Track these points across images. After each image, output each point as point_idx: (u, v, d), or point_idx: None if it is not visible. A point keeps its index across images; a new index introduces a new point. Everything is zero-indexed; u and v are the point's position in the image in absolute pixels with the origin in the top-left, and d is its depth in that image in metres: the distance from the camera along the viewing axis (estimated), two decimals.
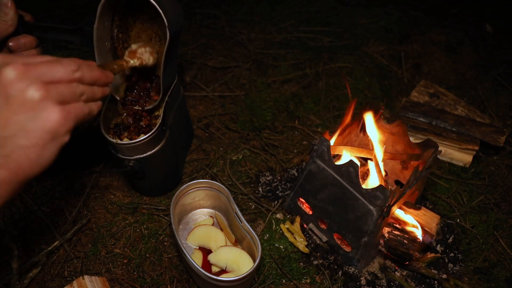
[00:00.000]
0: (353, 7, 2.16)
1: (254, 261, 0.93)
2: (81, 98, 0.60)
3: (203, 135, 1.40)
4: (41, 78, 0.54)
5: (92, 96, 0.63)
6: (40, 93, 0.53)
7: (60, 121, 0.54)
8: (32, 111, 0.52)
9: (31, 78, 0.53)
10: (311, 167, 1.05)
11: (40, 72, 0.54)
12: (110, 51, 1.00)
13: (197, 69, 1.67)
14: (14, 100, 0.52)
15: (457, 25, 2.07)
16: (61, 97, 0.56)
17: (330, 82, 1.66)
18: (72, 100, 0.58)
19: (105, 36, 0.96)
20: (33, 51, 0.84)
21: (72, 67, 0.58)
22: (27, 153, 0.53)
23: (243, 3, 2.12)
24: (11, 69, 0.52)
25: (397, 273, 1.06)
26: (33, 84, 0.52)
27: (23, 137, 0.53)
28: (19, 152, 0.53)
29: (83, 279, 0.95)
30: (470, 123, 1.43)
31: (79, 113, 0.59)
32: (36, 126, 0.53)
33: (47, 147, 0.55)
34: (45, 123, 0.53)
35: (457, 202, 1.25)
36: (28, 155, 0.54)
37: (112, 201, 1.17)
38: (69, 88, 0.57)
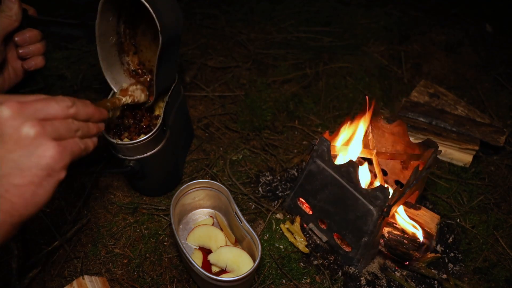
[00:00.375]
0: (353, 7, 2.16)
1: (254, 261, 0.93)
2: (77, 134, 0.60)
3: (203, 135, 1.40)
4: (36, 115, 0.53)
5: (88, 132, 0.63)
6: (35, 130, 0.52)
7: (55, 157, 0.54)
8: (27, 148, 0.52)
9: (25, 115, 0.52)
10: (311, 167, 1.05)
11: (35, 109, 0.54)
12: (115, 46, 1.00)
13: (197, 69, 1.67)
14: (9, 138, 0.51)
15: (457, 25, 2.07)
16: (56, 133, 0.55)
17: (330, 82, 1.66)
18: (67, 136, 0.58)
19: (109, 31, 0.96)
20: (38, 45, 0.85)
21: (67, 104, 0.58)
22: (22, 192, 0.52)
23: (243, 3, 2.12)
24: (5, 107, 0.51)
25: (397, 273, 1.06)
26: (28, 121, 0.52)
27: (17, 175, 0.52)
28: (13, 192, 0.52)
29: (83, 279, 0.95)
30: (470, 123, 1.43)
31: (75, 148, 0.58)
32: (31, 163, 0.52)
33: (43, 184, 0.54)
34: (40, 159, 0.53)
35: (457, 202, 1.25)
36: (22, 194, 0.52)
37: (112, 201, 1.17)
38: (64, 124, 0.57)
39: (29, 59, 0.85)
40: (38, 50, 0.85)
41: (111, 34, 0.97)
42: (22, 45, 0.83)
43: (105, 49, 0.96)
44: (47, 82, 1.54)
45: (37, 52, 0.85)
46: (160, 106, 1.09)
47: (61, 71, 1.60)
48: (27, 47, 0.83)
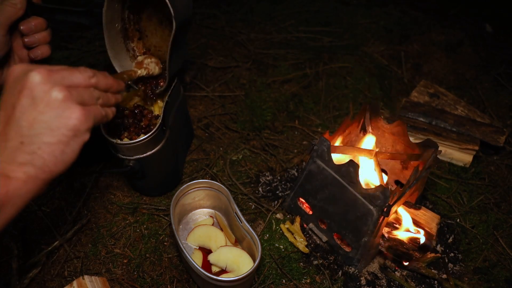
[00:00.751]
0: (353, 7, 2.16)
1: (254, 261, 0.93)
2: (98, 102, 0.66)
3: (203, 135, 1.40)
4: (63, 81, 0.59)
5: (107, 101, 0.69)
6: (63, 94, 0.57)
7: (81, 119, 0.59)
8: (56, 110, 0.57)
9: (54, 81, 0.58)
10: (311, 167, 1.05)
11: (62, 76, 0.59)
12: (121, 32, 1.00)
13: (197, 69, 1.67)
14: (40, 101, 0.57)
15: (457, 25, 2.07)
16: (81, 99, 0.61)
17: (330, 82, 1.66)
18: (90, 102, 0.63)
19: (115, 18, 0.96)
20: (44, 33, 0.85)
21: (89, 74, 0.64)
22: (52, 149, 0.57)
23: (243, 3, 2.12)
24: (36, 73, 0.57)
25: (397, 273, 1.06)
26: (56, 86, 0.57)
27: (48, 134, 0.57)
28: (45, 149, 0.57)
29: (83, 279, 0.95)
30: (470, 123, 1.43)
31: (97, 114, 0.64)
32: (60, 124, 0.57)
33: (70, 144, 0.59)
34: (68, 121, 0.58)
35: (457, 202, 1.25)
36: (52, 152, 0.58)
37: (112, 201, 1.17)
38: (87, 91, 0.63)
39: (35, 48, 0.86)
40: (44, 38, 0.85)
41: (117, 21, 0.97)
42: (27, 34, 0.83)
43: (112, 37, 0.96)
44: None
45: (43, 40, 0.85)
46: (159, 106, 1.08)
47: None
48: (33, 36, 0.84)
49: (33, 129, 0.56)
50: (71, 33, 1.78)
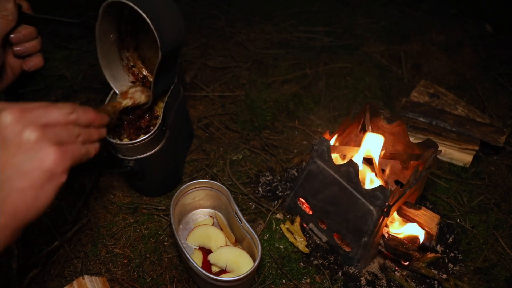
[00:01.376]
0: (353, 7, 2.16)
1: (254, 261, 0.93)
2: (78, 140, 0.61)
3: (203, 135, 1.40)
4: (37, 120, 0.55)
5: (89, 137, 0.64)
6: (36, 134, 0.53)
7: (56, 160, 0.55)
8: (28, 152, 0.53)
9: (27, 121, 0.54)
10: (311, 167, 1.05)
11: (36, 115, 0.55)
12: (116, 42, 0.99)
13: (197, 69, 1.67)
14: (11, 143, 0.52)
15: (457, 25, 2.07)
16: (57, 138, 0.56)
17: (330, 82, 1.66)
18: (68, 141, 0.59)
19: (110, 30, 0.95)
20: (34, 42, 0.83)
21: (67, 110, 0.59)
22: (24, 195, 0.53)
23: (243, 3, 2.12)
24: (7, 113, 0.53)
25: (397, 273, 1.06)
26: (29, 126, 0.53)
27: (19, 179, 0.53)
28: (16, 195, 0.53)
29: (83, 279, 0.95)
30: (470, 123, 1.43)
31: (76, 153, 0.59)
32: (33, 167, 0.53)
33: (44, 188, 0.55)
34: (41, 163, 0.53)
35: (457, 202, 1.25)
36: (24, 198, 0.53)
37: (112, 201, 1.17)
38: (65, 129, 0.58)
39: (27, 60, 0.84)
40: (34, 47, 0.84)
41: (112, 33, 0.96)
42: (17, 43, 0.81)
43: (105, 47, 0.96)
44: (47, 82, 1.54)
45: (33, 49, 0.84)
46: (159, 106, 1.08)
47: (61, 71, 1.60)
48: (23, 45, 0.82)
49: (3, 173, 0.52)
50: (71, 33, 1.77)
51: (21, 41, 0.82)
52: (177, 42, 0.95)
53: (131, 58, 1.05)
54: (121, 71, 1.03)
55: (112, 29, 0.96)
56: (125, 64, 1.04)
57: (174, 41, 0.93)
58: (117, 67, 1.02)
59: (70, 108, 0.60)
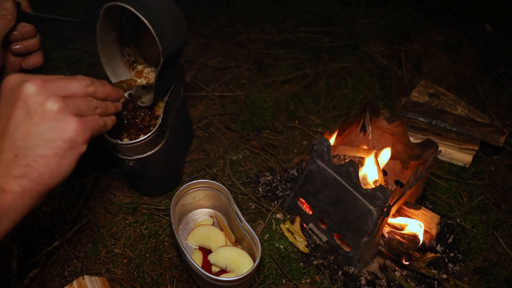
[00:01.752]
0: (353, 7, 2.16)
1: (254, 261, 0.93)
2: (96, 112, 0.64)
3: (203, 135, 1.40)
4: (58, 92, 0.58)
5: (106, 110, 0.67)
6: (58, 105, 0.56)
7: (77, 131, 0.58)
8: (51, 122, 0.56)
9: (49, 92, 0.56)
10: (311, 167, 1.05)
11: (57, 87, 0.58)
12: (117, 39, 0.99)
13: (197, 69, 1.67)
14: (34, 112, 0.55)
15: (457, 25, 2.07)
16: (77, 110, 0.59)
17: (330, 82, 1.66)
18: (87, 112, 0.62)
19: (111, 29, 0.95)
20: (32, 41, 0.84)
21: (86, 82, 0.62)
22: (48, 162, 0.56)
23: (243, 3, 2.12)
24: (31, 84, 0.56)
25: (397, 273, 1.06)
26: (51, 97, 0.56)
27: (43, 146, 0.56)
28: (40, 162, 0.56)
29: (83, 279, 0.95)
30: (470, 123, 1.43)
31: (95, 124, 0.63)
32: (56, 136, 0.56)
33: (66, 156, 0.58)
34: (63, 132, 0.57)
35: (457, 202, 1.25)
36: (48, 164, 0.56)
37: (112, 201, 1.17)
38: (84, 101, 0.61)
39: (27, 58, 0.84)
40: (33, 46, 0.84)
41: (113, 31, 0.96)
42: (15, 41, 0.81)
43: (106, 45, 0.95)
44: None
45: (32, 48, 0.84)
46: (159, 106, 1.09)
47: (61, 71, 1.60)
48: (21, 44, 0.82)
49: (28, 141, 0.55)
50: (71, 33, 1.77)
51: (19, 40, 0.81)
52: (178, 45, 0.95)
53: (132, 54, 1.05)
54: (122, 67, 1.03)
55: (113, 27, 0.95)
56: (126, 60, 1.04)
57: (175, 44, 0.93)
58: (118, 63, 1.02)
59: (88, 80, 0.63)
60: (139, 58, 1.07)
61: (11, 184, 0.55)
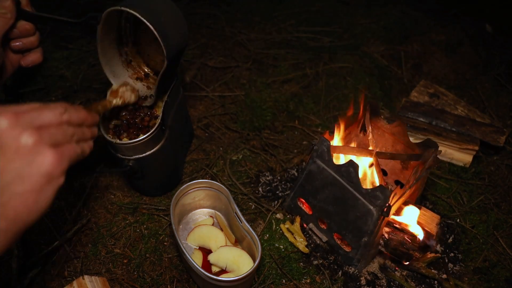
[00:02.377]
0: (353, 7, 2.16)
1: (254, 261, 0.93)
2: (73, 139, 0.62)
3: (203, 135, 1.40)
4: (32, 123, 0.55)
5: (82, 136, 0.65)
6: (33, 138, 0.54)
7: (54, 163, 0.55)
8: (26, 156, 0.53)
9: (22, 124, 0.54)
10: (311, 167, 1.05)
11: (30, 118, 0.55)
12: (115, 40, 0.99)
13: (197, 69, 1.67)
14: (9, 148, 0.53)
15: (457, 25, 2.07)
16: (53, 140, 0.57)
17: (330, 82, 1.66)
18: (64, 141, 0.59)
19: (111, 30, 0.95)
20: (31, 39, 0.83)
21: (60, 110, 0.60)
22: (24, 199, 0.54)
23: (243, 3, 2.12)
24: (3, 118, 0.53)
25: (397, 273, 1.06)
26: (25, 131, 0.53)
27: (19, 183, 0.53)
28: (16, 200, 0.53)
29: (83, 279, 0.95)
30: (470, 123, 1.43)
31: (72, 153, 0.60)
32: (32, 171, 0.54)
33: (44, 191, 0.55)
34: (40, 167, 0.54)
35: (457, 202, 1.25)
36: (25, 202, 0.54)
37: (112, 201, 1.17)
38: (59, 130, 0.59)
39: (26, 56, 0.84)
40: (31, 43, 0.84)
41: (112, 31, 0.96)
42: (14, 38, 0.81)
43: (105, 45, 0.96)
44: (47, 82, 1.54)
45: (30, 45, 0.84)
46: (159, 106, 1.09)
47: (61, 71, 1.60)
48: (20, 40, 0.82)
49: (2, 179, 0.52)
50: (71, 33, 1.77)
51: (18, 37, 0.81)
52: (181, 47, 0.96)
53: (130, 53, 1.05)
54: (120, 67, 1.03)
55: (112, 28, 0.96)
56: (124, 60, 1.04)
57: (179, 47, 0.93)
58: (117, 63, 1.02)
59: (61, 108, 0.60)
60: (137, 57, 1.07)
61: None
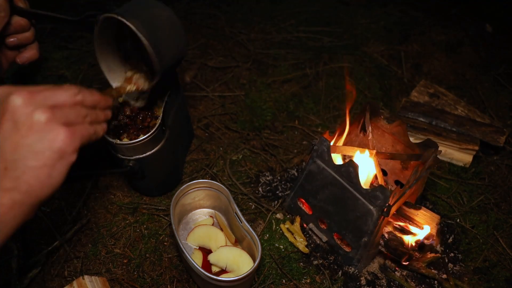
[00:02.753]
0: (353, 7, 2.16)
1: (254, 261, 0.93)
2: (86, 120, 0.63)
3: (203, 135, 1.40)
4: (46, 102, 0.57)
5: (96, 118, 0.66)
6: (46, 116, 0.55)
7: (66, 140, 0.57)
8: (39, 133, 0.55)
9: (36, 103, 0.56)
10: (311, 167, 1.05)
11: (44, 97, 0.57)
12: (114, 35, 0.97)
13: (197, 69, 1.67)
14: (22, 124, 0.54)
15: (457, 25, 2.07)
16: (66, 119, 0.58)
17: (330, 82, 1.66)
18: (76, 121, 0.61)
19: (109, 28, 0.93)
20: (26, 34, 0.83)
21: (74, 91, 0.61)
22: (37, 174, 0.55)
23: (243, 3, 2.12)
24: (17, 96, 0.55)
25: (397, 273, 1.06)
26: (38, 108, 0.55)
27: (32, 158, 0.55)
28: (30, 174, 0.55)
29: (83, 279, 0.95)
30: (470, 123, 1.43)
31: (85, 133, 0.62)
32: (44, 147, 0.55)
33: (56, 166, 0.57)
34: (52, 143, 0.56)
35: (457, 202, 1.25)
36: (38, 176, 0.56)
37: (112, 201, 1.17)
38: (73, 110, 0.60)
39: (22, 53, 0.84)
40: (27, 39, 0.83)
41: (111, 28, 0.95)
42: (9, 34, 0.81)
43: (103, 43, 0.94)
44: (47, 82, 1.54)
45: (26, 41, 0.83)
46: (159, 106, 1.09)
47: (61, 71, 1.60)
48: (15, 36, 0.82)
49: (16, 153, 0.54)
50: (71, 33, 1.77)
51: (12, 33, 0.81)
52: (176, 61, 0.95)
53: (129, 49, 1.04)
54: (118, 62, 1.01)
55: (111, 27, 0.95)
56: (123, 55, 1.02)
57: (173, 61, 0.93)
58: (114, 58, 1.00)
59: (76, 89, 0.62)
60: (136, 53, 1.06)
61: (1, 197, 0.54)
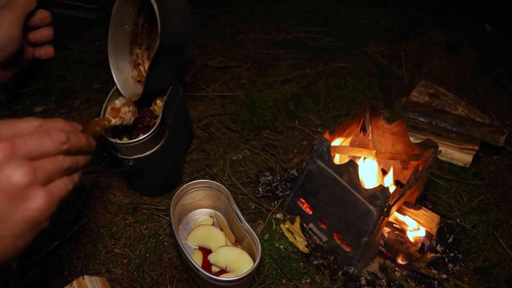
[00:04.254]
0: (353, 7, 2.16)
1: (254, 261, 0.93)
2: (66, 172, 0.57)
3: (203, 135, 1.40)
4: (29, 154, 0.50)
5: (76, 166, 0.59)
6: (27, 179, 0.49)
7: (42, 209, 0.51)
8: (15, 199, 0.48)
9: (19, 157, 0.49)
10: (311, 167, 1.05)
11: (28, 148, 0.50)
12: (130, 34, 0.99)
13: (197, 69, 1.67)
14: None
15: (457, 25, 2.07)
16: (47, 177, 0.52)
17: (330, 82, 1.66)
18: (57, 177, 0.55)
19: (126, 20, 0.95)
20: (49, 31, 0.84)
21: (61, 139, 0.55)
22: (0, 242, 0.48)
23: (243, 3, 2.12)
24: None
25: (397, 273, 1.06)
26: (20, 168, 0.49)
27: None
28: None
29: (83, 279, 0.95)
30: (470, 123, 1.43)
31: (63, 191, 0.56)
32: (16, 216, 0.49)
33: (24, 236, 0.50)
34: (26, 212, 0.49)
35: (457, 202, 1.25)
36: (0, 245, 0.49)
37: (112, 201, 1.17)
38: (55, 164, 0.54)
39: (40, 48, 0.85)
40: (49, 36, 0.85)
41: (128, 23, 0.96)
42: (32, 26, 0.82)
43: (117, 35, 0.95)
44: (47, 82, 1.54)
45: (47, 37, 0.84)
46: (159, 106, 1.09)
47: (61, 71, 1.60)
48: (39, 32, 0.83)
49: None
50: (71, 33, 1.78)
51: (36, 25, 0.82)
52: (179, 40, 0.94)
53: (141, 56, 1.05)
54: (127, 64, 1.03)
55: (129, 19, 0.96)
56: (133, 60, 1.04)
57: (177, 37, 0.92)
58: (124, 59, 1.02)
59: (64, 137, 0.55)
60: (147, 62, 1.06)
61: None
